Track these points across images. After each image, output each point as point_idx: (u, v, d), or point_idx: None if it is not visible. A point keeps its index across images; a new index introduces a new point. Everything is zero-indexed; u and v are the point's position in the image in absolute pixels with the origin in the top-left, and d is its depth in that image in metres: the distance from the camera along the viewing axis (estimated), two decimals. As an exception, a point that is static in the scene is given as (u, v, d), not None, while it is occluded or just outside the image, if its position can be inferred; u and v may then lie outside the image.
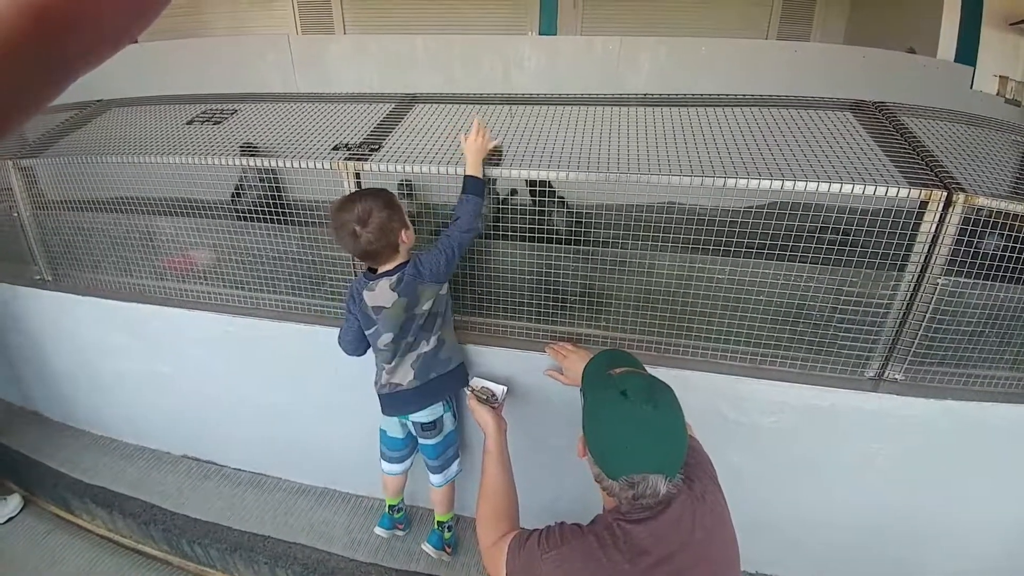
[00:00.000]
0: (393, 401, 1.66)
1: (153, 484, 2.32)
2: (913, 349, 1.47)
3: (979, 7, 3.62)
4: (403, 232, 1.47)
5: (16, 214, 2.15)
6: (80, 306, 2.15)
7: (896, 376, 1.52)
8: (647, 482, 0.95)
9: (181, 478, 2.35)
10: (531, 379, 1.69)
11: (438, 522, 1.93)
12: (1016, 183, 1.50)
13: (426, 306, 1.52)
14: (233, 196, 2.00)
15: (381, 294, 1.50)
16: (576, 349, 1.57)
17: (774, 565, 1.89)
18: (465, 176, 1.52)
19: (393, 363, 1.59)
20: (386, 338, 1.54)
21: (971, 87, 3.67)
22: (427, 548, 1.92)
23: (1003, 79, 3.67)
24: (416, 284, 1.49)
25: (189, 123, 2.04)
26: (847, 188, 1.28)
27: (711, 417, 1.60)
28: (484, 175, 1.52)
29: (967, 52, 3.70)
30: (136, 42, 4.29)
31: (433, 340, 1.58)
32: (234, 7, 4.76)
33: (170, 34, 4.57)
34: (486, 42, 3.64)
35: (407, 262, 1.51)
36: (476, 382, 1.58)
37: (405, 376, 1.60)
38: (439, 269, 1.50)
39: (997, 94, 3.68)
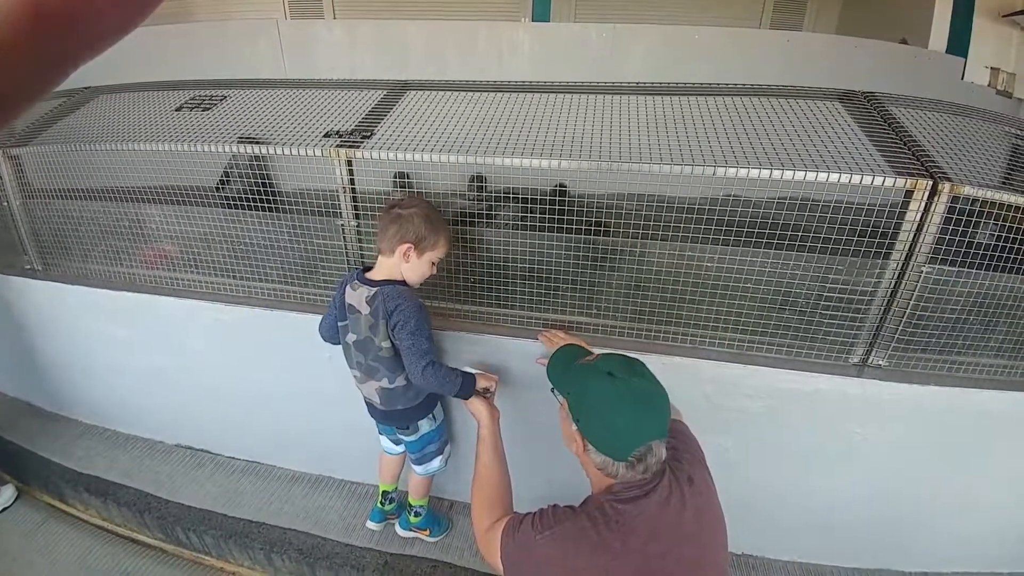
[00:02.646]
0: (368, 408, 1.72)
1: (147, 473, 2.32)
2: (897, 336, 1.50)
3: (971, -2, 3.62)
4: (408, 249, 1.45)
5: (5, 204, 2.13)
6: (71, 295, 2.14)
7: (880, 362, 1.55)
8: (652, 451, 0.99)
9: (175, 467, 2.36)
10: (524, 366, 1.71)
11: (408, 504, 1.97)
12: (1005, 173, 1.52)
13: (384, 343, 1.50)
14: (219, 185, 1.99)
15: (358, 298, 1.51)
16: (568, 336, 1.59)
17: (760, 547, 1.94)
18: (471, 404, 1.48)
19: (360, 375, 1.60)
20: (352, 337, 1.56)
21: (962, 78, 3.69)
22: (400, 531, 2.01)
23: (995, 70, 3.68)
24: (382, 315, 1.47)
25: (178, 109, 2.02)
26: (834, 177, 1.30)
27: (700, 402, 1.63)
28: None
29: (959, 43, 3.70)
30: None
31: (399, 380, 1.56)
32: (222, -9, 4.68)
33: (157, 19, 4.50)
34: (479, 28, 3.62)
35: (392, 282, 1.49)
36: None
37: (372, 397, 1.62)
38: (405, 321, 1.45)
39: (988, 85, 3.69)
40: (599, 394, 1.03)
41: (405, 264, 1.48)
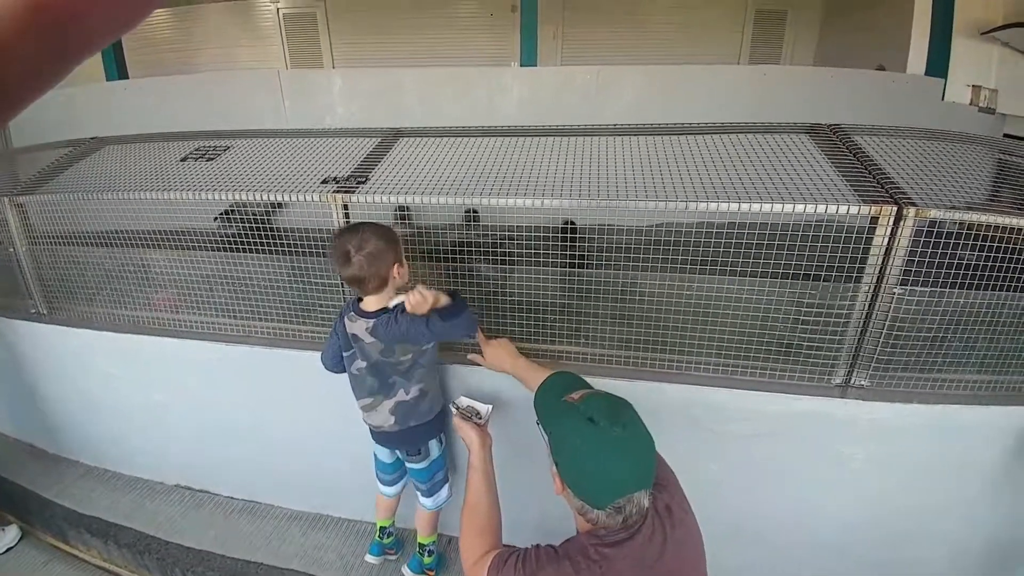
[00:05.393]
0: (376, 436, 1.74)
1: (147, 514, 2.33)
2: (876, 356, 1.54)
3: (949, 18, 3.62)
4: (396, 267, 1.52)
5: (12, 249, 2.20)
6: (75, 338, 2.19)
7: (862, 382, 1.59)
8: (632, 502, 0.97)
9: (174, 507, 2.36)
10: (515, 394, 1.74)
11: (420, 544, 1.96)
12: (979, 191, 1.58)
13: (405, 357, 1.55)
14: (221, 215, 2.03)
15: (360, 329, 1.56)
16: (501, 343, 1.65)
17: (748, 571, 1.92)
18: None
19: (370, 401, 1.62)
20: (360, 364, 1.59)
21: (942, 99, 3.75)
22: (407, 572, 1.97)
23: (976, 88, 3.68)
24: (389, 337, 1.52)
25: (183, 160, 2.12)
26: (800, 208, 1.37)
27: (687, 426, 1.66)
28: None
29: (938, 64, 3.73)
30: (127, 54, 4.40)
31: (414, 390, 1.61)
32: (224, 43, 4.91)
33: (161, 70, 4.70)
34: (470, 74, 3.79)
35: (387, 310, 1.53)
36: (462, 400, 1.61)
37: (385, 420, 1.64)
38: (419, 333, 1.50)
39: (970, 104, 3.68)
40: (577, 440, 1.00)
41: (396, 280, 1.52)
